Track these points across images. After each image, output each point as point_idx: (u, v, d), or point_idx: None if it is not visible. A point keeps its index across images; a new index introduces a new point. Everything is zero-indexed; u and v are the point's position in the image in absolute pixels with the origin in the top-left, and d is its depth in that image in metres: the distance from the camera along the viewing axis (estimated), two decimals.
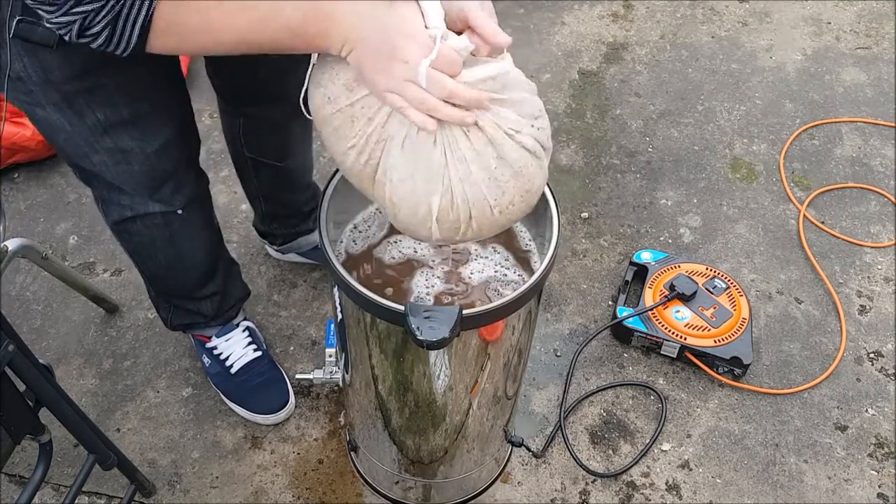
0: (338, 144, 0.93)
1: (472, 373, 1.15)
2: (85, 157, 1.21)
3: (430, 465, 1.38)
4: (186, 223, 1.38)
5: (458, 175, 0.89)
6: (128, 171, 1.23)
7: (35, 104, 1.13)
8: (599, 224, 1.99)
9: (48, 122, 1.15)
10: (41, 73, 1.07)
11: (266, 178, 1.63)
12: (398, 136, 0.89)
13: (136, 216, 1.33)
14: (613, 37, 2.49)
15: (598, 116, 2.26)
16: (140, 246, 1.42)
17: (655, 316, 1.71)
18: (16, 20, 1.01)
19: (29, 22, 1.00)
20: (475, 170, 0.88)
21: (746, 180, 2.10)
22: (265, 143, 1.55)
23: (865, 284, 1.88)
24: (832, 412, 1.66)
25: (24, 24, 1.01)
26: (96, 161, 1.21)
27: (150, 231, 1.36)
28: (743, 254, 1.94)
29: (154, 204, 1.31)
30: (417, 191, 0.90)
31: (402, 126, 0.88)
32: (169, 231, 1.37)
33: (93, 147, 1.18)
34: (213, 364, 1.64)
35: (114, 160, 1.21)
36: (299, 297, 1.84)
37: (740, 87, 2.34)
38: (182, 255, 1.44)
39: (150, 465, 1.57)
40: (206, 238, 1.48)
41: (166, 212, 1.33)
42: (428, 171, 0.89)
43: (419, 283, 1.14)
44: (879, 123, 2.24)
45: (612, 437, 1.62)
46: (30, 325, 1.78)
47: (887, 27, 2.53)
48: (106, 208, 1.35)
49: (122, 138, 1.18)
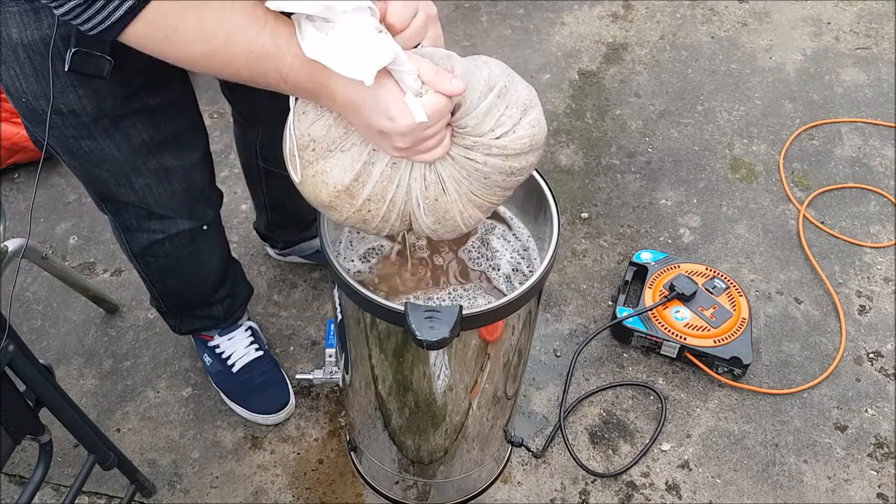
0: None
1: (472, 373, 1.15)
2: (128, 184, 1.20)
3: (430, 465, 1.38)
4: (209, 237, 1.40)
5: (456, 192, 0.92)
6: (169, 191, 1.24)
7: (84, 137, 1.11)
8: (599, 224, 1.99)
9: (94, 153, 1.14)
10: (96, 102, 1.05)
11: (277, 188, 1.63)
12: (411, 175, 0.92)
13: (165, 238, 1.33)
14: (613, 37, 2.49)
15: (598, 117, 2.26)
16: (165, 268, 1.42)
17: (655, 316, 1.71)
18: (70, 52, 0.96)
19: (84, 52, 0.96)
20: (476, 185, 0.92)
21: (746, 180, 2.10)
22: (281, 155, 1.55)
23: (865, 284, 1.88)
24: (832, 412, 1.67)
25: (79, 55, 0.96)
26: (139, 185, 1.21)
27: (178, 251, 1.36)
28: (743, 254, 1.94)
29: (186, 221, 1.32)
30: (445, 205, 0.93)
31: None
32: (194, 247, 1.38)
33: (138, 170, 1.18)
34: (215, 363, 1.64)
35: (157, 180, 1.21)
36: (299, 297, 1.84)
37: (740, 88, 2.34)
38: (202, 267, 1.45)
39: (150, 465, 1.57)
40: (222, 248, 1.50)
41: (195, 228, 1.34)
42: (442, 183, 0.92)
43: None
44: (879, 124, 2.24)
45: (612, 437, 1.62)
46: (30, 325, 1.78)
47: (887, 27, 2.53)
48: (130, 237, 1.34)
49: (165, 157, 1.19)
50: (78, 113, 1.06)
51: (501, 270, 1.17)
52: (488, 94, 0.87)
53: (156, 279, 1.46)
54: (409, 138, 0.83)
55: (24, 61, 1.00)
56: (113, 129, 1.11)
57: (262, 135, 1.50)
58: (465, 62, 0.88)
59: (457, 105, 0.86)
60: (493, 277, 1.16)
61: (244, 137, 1.56)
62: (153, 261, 1.39)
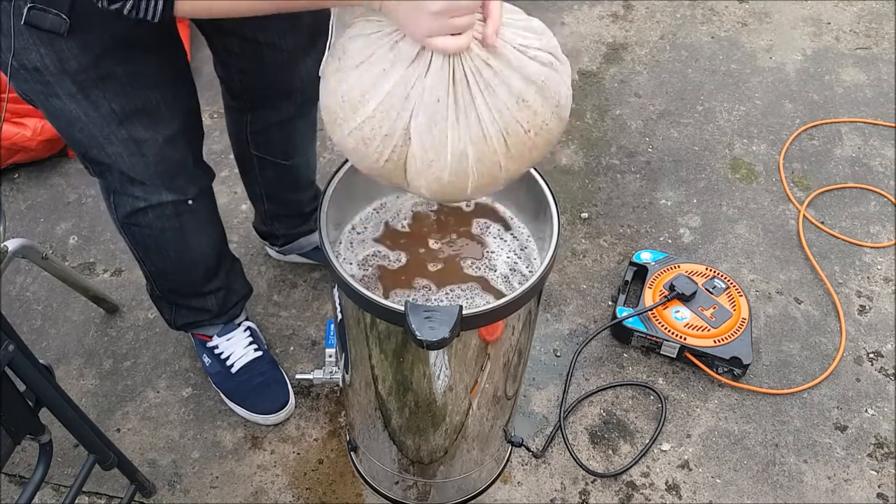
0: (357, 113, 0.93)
1: (471, 373, 1.15)
2: (100, 148, 1.23)
3: (430, 465, 1.38)
4: (196, 214, 1.40)
5: (486, 105, 0.89)
6: (142, 162, 1.26)
7: (51, 95, 1.15)
8: (599, 224, 1.99)
9: (64, 113, 1.17)
10: (57, 62, 1.09)
11: (270, 177, 1.63)
12: (423, 89, 0.89)
13: (148, 207, 1.34)
14: (613, 37, 2.49)
15: (598, 117, 2.26)
16: (150, 239, 1.42)
17: (655, 316, 1.71)
18: (27, 7, 1.02)
19: (39, 9, 1.02)
20: (503, 95, 0.89)
21: (746, 180, 2.10)
22: (272, 141, 1.56)
23: (865, 284, 1.88)
24: (832, 412, 1.67)
25: (34, 11, 1.02)
26: (111, 152, 1.23)
27: (161, 222, 1.37)
28: (742, 254, 1.94)
29: (167, 193, 1.33)
30: (450, 133, 0.90)
31: (422, 79, 0.89)
32: (179, 222, 1.38)
33: (108, 138, 1.21)
34: (214, 363, 1.64)
35: (128, 151, 1.23)
36: (299, 297, 1.84)
37: (740, 88, 2.34)
38: (190, 247, 1.45)
39: (150, 465, 1.57)
40: (212, 232, 1.50)
41: (178, 201, 1.35)
42: (456, 108, 0.89)
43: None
44: (879, 124, 2.24)
45: (612, 437, 1.62)
46: (30, 325, 1.78)
47: (887, 27, 2.53)
48: (117, 201, 1.36)
49: (135, 128, 1.21)
50: (41, 70, 1.10)
51: (499, 271, 1.17)
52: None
53: (144, 255, 1.47)
54: (442, 2, 0.83)
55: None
56: (80, 96, 1.14)
57: (252, 119, 1.51)
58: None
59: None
60: (490, 279, 1.16)
61: (235, 125, 1.56)
62: (138, 231, 1.40)
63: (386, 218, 1.23)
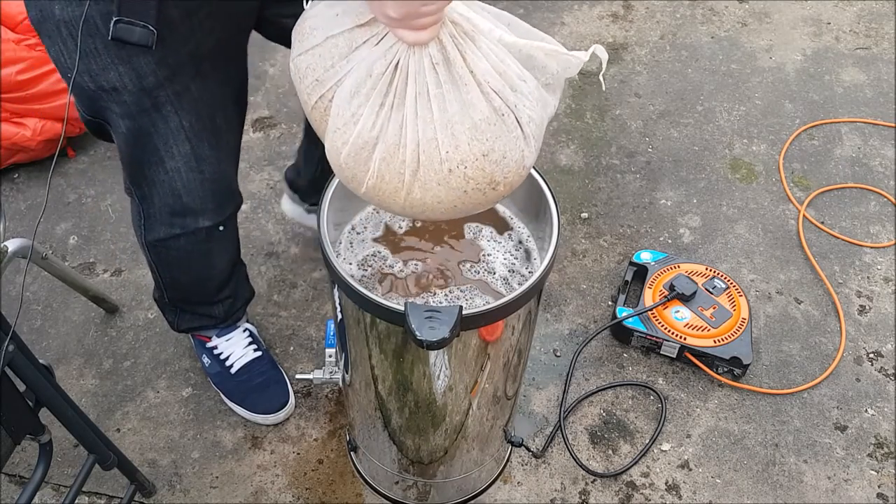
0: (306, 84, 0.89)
1: (471, 373, 1.15)
2: (159, 164, 1.22)
3: (430, 465, 1.38)
4: (223, 237, 1.41)
5: (415, 109, 0.82)
6: (199, 179, 1.25)
7: (125, 115, 1.13)
8: (599, 224, 1.99)
9: (132, 130, 1.16)
10: (136, 79, 1.08)
11: None
12: (361, 62, 0.83)
13: (182, 234, 1.33)
14: (613, 37, 2.49)
15: (598, 117, 2.26)
16: (175, 260, 1.42)
17: (655, 316, 1.71)
18: (113, 21, 0.99)
19: (127, 22, 0.99)
20: (436, 108, 0.82)
21: (746, 180, 2.10)
22: None
23: (865, 284, 1.88)
24: (832, 412, 1.67)
25: (122, 24, 0.99)
26: (170, 167, 1.22)
27: (191, 247, 1.37)
28: (742, 254, 1.94)
29: (204, 219, 1.33)
30: (365, 114, 0.83)
31: (365, 58, 0.83)
32: (208, 246, 1.39)
33: (170, 153, 1.20)
34: (213, 364, 1.64)
35: (188, 167, 1.22)
36: (299, 297, 1.84)
37: (740, 88, 2.34)
38: (212, 267, 1.46)
39: (150, 465, 1.57)
40: (233, 249, 1.50)
41: (212, 227, 1.35)
42: (384, 95, 0.82)
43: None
44: (879, 124, 2.24)
45: (612, 437, 1.62)
46: (30, 325, 1.78)
47: (887, 27, 2.53)
48: (149, 225, 1.35)
49: (201, 146, 1.21)
50: (119, 90, 1.09)
51: (497, 273, 1.17)
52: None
53: (164, 270, 1.46)
54: (402, 9, 0.79)
55: (66, 38, 1.04)
56: (153, 110, 1.13)
57: None
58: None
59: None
60: (489, 281, 1.16)
61: None
62: (165, 252, 1.40)
63: (385, 218, 1.23)
